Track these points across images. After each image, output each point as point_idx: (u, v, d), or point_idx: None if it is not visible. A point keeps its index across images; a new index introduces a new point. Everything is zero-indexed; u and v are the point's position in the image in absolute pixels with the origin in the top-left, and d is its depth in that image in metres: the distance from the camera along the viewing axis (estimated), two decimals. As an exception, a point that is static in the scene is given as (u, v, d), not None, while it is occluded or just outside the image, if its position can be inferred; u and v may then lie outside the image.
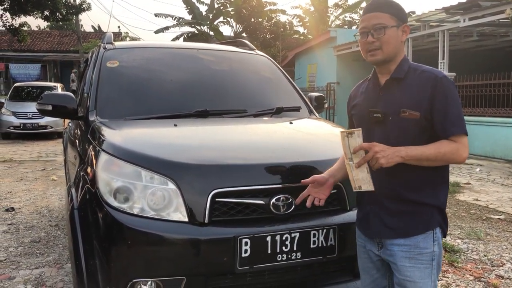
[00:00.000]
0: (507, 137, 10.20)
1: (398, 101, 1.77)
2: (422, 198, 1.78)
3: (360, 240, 1.99)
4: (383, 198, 1.81)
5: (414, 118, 1.73)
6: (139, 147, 2.36)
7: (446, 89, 1.74)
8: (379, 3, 1.81)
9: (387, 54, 1.79)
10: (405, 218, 1.79)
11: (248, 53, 3.93)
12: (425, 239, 1.78)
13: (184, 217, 2.12)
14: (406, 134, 1.75)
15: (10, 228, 4.79)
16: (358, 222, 1.98)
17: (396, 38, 1.79)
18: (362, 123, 1.87)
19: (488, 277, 3.61)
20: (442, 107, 1.72)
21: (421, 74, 1.78)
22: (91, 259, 2.15)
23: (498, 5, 10.41)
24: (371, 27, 1.79)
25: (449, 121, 1.72)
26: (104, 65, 3.27)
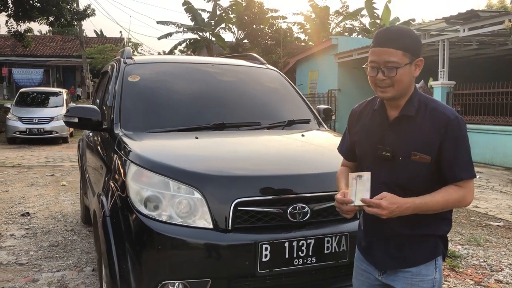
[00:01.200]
0: (506, 145, 10.41)
1: (409, 142, 1.70)
2: (425, 231, 1.76)
3: (361, 262, 1.94)
4: (388, 233, 1.77)
5: (425, 161, 1.68)
6: (166, 158, 2.56)
7: (457, 132, 1.68)
8: (392, 37, 1.67)
9: (398, 92, 1.70)
10: (410, 250, 1.77)
11: (260, 67, 4.14)
12: (427, 267, 1.77)
13: (209, 224, 2.32)
14: (415, 176, 1.71)
15: (28, 233, 4.98)
16: (362, 248, 1.92)
17: (409, 75, 1.69)
18: (366, 156, 1.83)
19: (488, 281, 3.80)
20: (452, 151, 1.67)
21: (432, 113, 1.70)
22: (123, 262, 2.34)
23: (497, 16, 10.66)
24: (382, 64, 1.67)
25: (458, 166, 1.68)
26: (126, 79, 3.47)
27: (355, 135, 1.90)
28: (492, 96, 10.91)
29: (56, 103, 15.49)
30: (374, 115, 1.83)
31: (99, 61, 28.41)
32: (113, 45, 30.71)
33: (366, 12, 23.69)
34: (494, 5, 29.80)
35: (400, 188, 1.71)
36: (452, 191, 1.69)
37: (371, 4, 22.53)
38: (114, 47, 30.13)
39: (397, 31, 1.70)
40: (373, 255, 1.85)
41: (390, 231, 1.77)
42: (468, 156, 1.70)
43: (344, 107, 16.05)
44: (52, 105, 15.42)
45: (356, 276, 1.98)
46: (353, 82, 17.07)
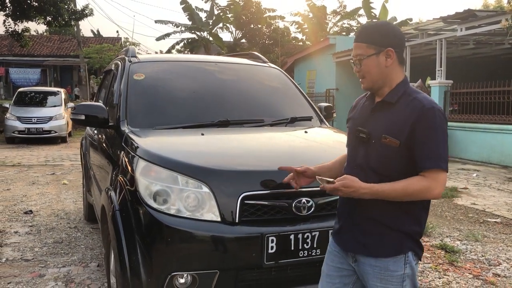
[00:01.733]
0: (503, 144, 10.50)
1: (382, 125, 1.78)
2: (393, 223, 1.79)
3: (334, 248, 1.98)
4: (359, 216, 1.84)
5: (393, 145, 1.73)
6: (174, 154, 2.62)
7: (430, 122, 1.71)
8: (359, 33, 1.85)
9: (371, 82, 1.82)
10: (375, 238, 1.81)
11: (262, 66, 4.21)
12: (395, 263, 1.80)
13: (216, 217, 2.38)
14: (385, 160, 1.76)
15: (32, 230, 5.03)
16: (334, 232, 2.00)
17: (378, 66, 1.78)
18: (350, 137, 1.94)
19: (486, 275, 3.87)
20: (422, 138, 1.70)
21: (411, 102, 1.76)
22: (133, 255, 2.40)
23: (494, 15, 10.76)
24: (355, 58, 1.84)
25: (425, 155, 1.70)
26: (131, 77, 3.53)
27: (349, 121, 2.01)
28: (489, 95, 11.01)
29: (55, 103, 15.50)
30: (365, 102, 1.96)
31: (96, 61, 28.40)
32: (111, 45, 30.69)
33: (364, 11, 23.78)
34: (491, 5, 29.96)
35: (373, 171, 1.79)
36: (414, 181, 1.71)
37: (369, 4, 22.62)
38: (111, 46, 30.11)
39: (366, 26, 1.87)
40: (343, 237, 1.92)
41: (362, 215, 1.83)
42: (438, 148, 1.71)
43: (342, 106, 16.12)
44: (51, 104, 15.44)
45: (327, 262, 2.01)
46: (351, 81, 17.14)
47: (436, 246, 4.55)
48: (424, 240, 4.73)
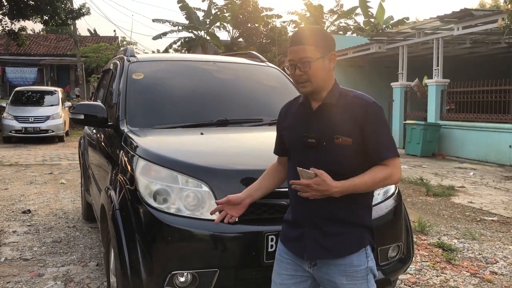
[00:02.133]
0: (499, 142, 10.55)
1: (331, 127, 1.81)
2: (354, 219, 1.85)
3: (286, 256, 1.96)
4: (320, 220, 1.84)
5: (347, 144, 1.78)
6: (174, 153, 2.63)
7: (376, 115, 1.81)
8: (304, 36, 1.82)
9: (316, 85, 1.81)
10: (340, 238, 1.84)
11: (260, 65, 4.22)
12: (358, 257, 1.85)
13: (216, 216, 2.39)
14: (340, 159, 1.81)
15: (30, 229, 5.03)
16: (287, 240, 1.96)
17: (323, 69, 1.81)
18: (294, 146, 1.92)
19: (483, 273, 3.90)
20: (374, 132, 1.79)
21: (352, 100, 1.84)
22: (133, 254, 2.41)
23: (490, 14, 10.80)
24: (297, 61, 1.79)
25: (383, 146, 1.80)
26: (130, 77, 3.54)
27: (284, 130, 2.00)
28: (485, 94, 11.05)
29: (52, 102, 15.48)
30: (299, 109, 1.94)
31: (93, 60, 28.35)
32: (108, 44, 30.63)
33: (361, 10, 23.83)
34: (487, 4, 30.05)
35: (328, 172, 1.78)
36: (378, 170, 1.80)
37: (366, 3, 22.67)
38: (108, 46, 30.06)
39: (308, 30, 1.88)
40: (303, 246, 1.88)
41: (323, 217, 1.83)
42: (390, 137, 1.83)
43: (339, 105, 16.13)
44: (48, 104, 15.42)
45: (279, 271, 1.98)
46: (348, 80, 17.17)
47: (434, 244, 4.58)
48: (421, 239, 4.75)
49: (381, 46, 14.86)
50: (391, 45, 14.52)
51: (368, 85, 16.83)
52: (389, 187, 2.91)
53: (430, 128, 11.86)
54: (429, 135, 11.85)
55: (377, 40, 14.93)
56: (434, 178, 8.50)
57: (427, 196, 6.96)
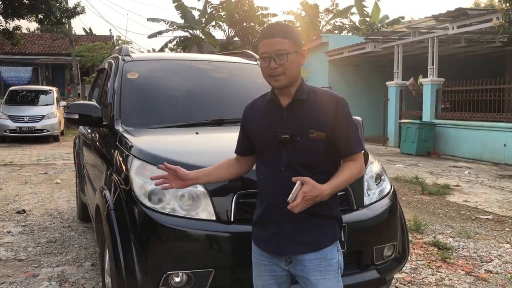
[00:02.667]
0: (494, 141, 10.60)
1: (305, 122, 1.85)
2: (327, 211, 1.90)
3: (262, 258, 1.98)
4: (295, 215, 1.83)
5: (320, 138, 1.84)
6: (169, 153, 2.62)
7: (346, 111, 1.89)
8: (280, 29, 1.84)
9: (290, 78, 1.83)
10: (315, 231, 1.88)
11: (256, 64, 4.20)
12: (331, 251, 1.90)
13: (212, 216, 2.39)
14: (314, 153, 1.86)
15: (25, 230, 5.01)
16: (261, 242, 1.97)
17: (297, 63, 1.85)
18: (265, 143, 1.92)
19: (478, 271, 3.91)
20: (345, 127, 1.87)
21: (322, 96, 1.89)
22: (128, 254, 2.39)
23: (485, 14, 10.84)
24: (273, 53, 1.80)
25: (353, 141, 1.89)
26: (125, 76, 3.52)
27: (251, 128, 2.00)
28: (480, 93, 11.10)
29: (47, 102, 15.41)
30: (268, 106, 1.96)
31: (88, 59, 28.22)
32: (103, 43, 30.51)
33: (356, 10, 23.85)
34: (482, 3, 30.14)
35: (302, 167, 1.86)
36: (352, 166, 1.90)
37: (361, 2, 22.70)
38: (103, 45, 29.95)
39: (282, 24, 1.93)
40: (279, 245, 1.90)
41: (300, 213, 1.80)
42: (357, 133, 1.93)
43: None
44: (43, 103, 15.35)
45: (258, 274, 2.00)
46: (344, 79, 17.21)
47: (429, 243, 4.59)
48: (417, 238, 4.77)
49: (377, 45, 14.89)
50: (387, 44, 14.55)
51: (363, 84, 16.88)
52: (384, 186, 2.92)
53: (425, 127, 11.90)
54: (424, 134, 11.88)
55: (373, 39, 14.96)
56: (429, 177, 8.52)
57: (422, 195, 6.98)
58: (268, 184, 1.94)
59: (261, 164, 1.98)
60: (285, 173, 1.86)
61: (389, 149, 13.37)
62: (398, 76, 14.13)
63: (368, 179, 2.80)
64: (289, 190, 1.81)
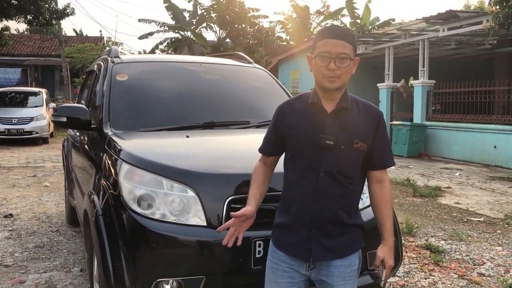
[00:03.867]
0: (484, 143, 10.65)
1: (350, 131, 1.85)
2: (354, 220, 1.93)
3: (281, 264, 1.94)
4: (326, 222, 1.86)
5: (362, 149, 1.86)
6: (158, 157, 2.57)
7: (384, 125, 1.95)
8: (346, 33, 1.84)
9: (342, 83, 1.83)
10: (342, 239, 1.89)
11: (247, 66, 4.17)
12: (355, 257, 1.93)
13: (202, 222, 2.34)
14: (354, 162, 1.88)
15: (12, 234, 4.91)
16: (287, 245, 1.93)
17: (351, 70, 1.85)
18: (306, 147, 1.87)
19: (471, 275, 3.90)
20: (383, 141, 1.92)
21: (364, 107, 1.92)
22: (117, 261, 2.34)
23: (475, 16, 10.91)
24: (335, 54, 1.78)
25: (388, 155, 1.95)
26: (114, 78, 3.46)
27: (289, 128, 1.92)
28: (471, 95, 11.15)
29: (36, 103, 15.23)
30: (310, 109, 1.90)
31: (78, 61, 28.00)
32: (93, 44, 30.29)
33: (347, 11, 23.90)
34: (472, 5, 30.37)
35: (341, 174, 1.86)
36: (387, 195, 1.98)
37: (352, 4, 22.75)
38: (94, 46, 29.73)
39: (347, 29, 1.95)
40: (309, 249, 1.87)
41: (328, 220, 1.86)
42: (390, 147, 2.01)
43: (326, 106, 16.17)
44: (32, 105, 15.17)
45: (275, 280, 1.95)
46: (335, 81, 17.18)
47: (422, 246, 4.57)
48: (409, 241, 4.75)
49: (368, 47, 14.91)
50: (378, 46, 14.58)
51: (355, 85, 16.84)
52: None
53: (416, 129, 11.93)
54: (415, 135, 11.91)
55: (364, 41, 14.97)
56: (420, 179, 8.53)
57: (414, 197, 6.98)
58: (301, 188, 1.89)
59: (293, 167, 1.92)
60: (323, 179, 1.84)
61: (380, 151, 13.37)
62: (389, 78, 14.16)
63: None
64: (324, 196, 1.85)
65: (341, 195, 1.87)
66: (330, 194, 1.85)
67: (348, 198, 1.89)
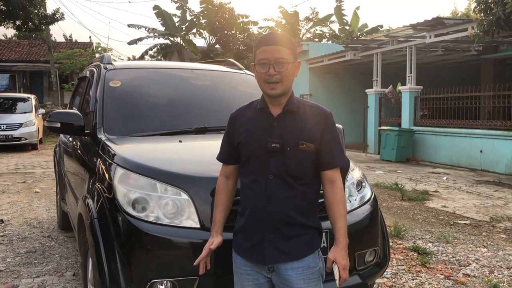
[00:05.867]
0: (471, 147, 10.83)
1: (296, 133, 1.89)
2: (309, 222, 1.94)
3: (244, 267, 1.99)
4: (279, 224, 1.89)
5: (310, 150, 1.89)
6: (152, 161, 2.63)
7: (332, 126, 1.96)
8: (282, 38, 1.89)
9: (285, 87, 1.88)
10: (297, 241, 1.91)
11: (238, 73, 4.25)
12: (314, 259, 1.94)
13: (196, 224, 2.40)
14: (302, 164, 1.90)
15: (3, 240, 4.92)
16: (243, 250, 1.98)
17: (293, 74, 1.90)
18: (254, 151, 1.93)
19: (457, 275, 4.00)
20: (330, 141, 1.93)
21: (312, 109, 1.95)
22: (112, 263, 2.39)
23: (461, 23, 11.12)
24: (273, 60, 1.83)
25: (335, 155, 1.95)
26: (107, 84, 3.52)
27: (240, 136, 1.99)
28: (457, 100, 11.34)
29: (25, 109, 15.17)
30: (257, 115, 1.97)
31: (67, 67, 27.91)
32: (82, 50, 30.20)
33: (336, 18, 24.13)
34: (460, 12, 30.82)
35: (291, 176, 1.89)
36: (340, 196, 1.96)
37: (340, 11, 22.98)
38: (83, 52, 29.65)
39: (283, 34, 1.96)
40: (263, 252, 1.91)
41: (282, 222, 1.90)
42: (341, 147, 2.00)
43: (316, 111, 16.29)
44: (21, 111, 15.11)
45: (241, 284, 2.01)
46: (324, 87, 17.39)
47: (409, 248, 4.67)
48: (397, 243, 4.84)
49: (356, 53, 15.10)
50: (366, 52, 14.77)
51: (343, 91, 17.08)
52: (365, 193, 2.97)
53: (404, 134, 12.09)
54: (403, 140, 12.07)
55: (352, 48, 15.17)
56: (408, 183, 8.66)
57: (402, 201, 7.09)
58: (252, 192, 1.95)
59: (246, 172, 1.99)
60: (272, 182, 1.88)
61: (369, 156, 13.54)
62: (377, 83, 14.34)
63: (349, 186, 2.85)
64: (275, 198, 1.87)
65: (292, 197, 1.90)
66: (280, 197, 1.89)
67: (300, 200, 1.91)
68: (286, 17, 26.69)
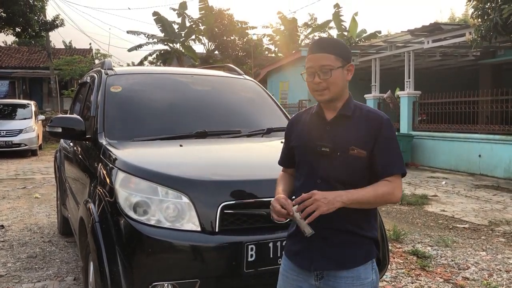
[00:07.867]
0: (469, 152, 10.86)
1: (346, 138, 1.83)
2: (360, 230, 1.84)
3: (291, 272, 1.93)
4: (327, 230, 1.82)
5: (361, 156, 1.81)
6: (153, 165, 2.66)
7: (389, 132, 1.85)
8: (325, 44, 1.86)
9: (334, 93, 1.84)
10: (348, 250, 1.83)
11: (238, 78, 4.29)
12: (365, 270, 1.85)
13: (196, 227, 2.43)
14: (352, 170, 1.82)
15: (4, 245, 4.93)
16: (292, 254, 1.92)
17: (342, 78, 1.85)
18: (306, 154, 1.90)
19: (456, 279, 4.02)
20: (385, 147, 1.82)
21: (367, 114, 1.87)
22: (114, 266, 2.41)
23: (458, 29, 11.19)
24: (318, 68, 1.81)
25: (391, 162, 1.82)
26: (108, 90, 3.55)
27: (294, 140, 1.97)
28: (456, 105, 11.39)
29: (25, 115, 15.19)
30: (312, 119, 1.95)
31: (67, 73, 27.94)
32: (82, 57, 30.27)
33: (334, 24, 24.25)
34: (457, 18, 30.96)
35: (339, 182, 1.82)
36: (381, 184, 1.80)
37: (339, 17, 23.10)
38: (82, 58, 29.71)
39: (328, 40, 1.92)
40: (311, 258, 1.85)
41: (332, 228, 1.81)
42: (398, 154, 1.86)
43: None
44: (20, 117, 15.13)
45: (284, 286, 1.95)
46: (323, 92, 17.39)
47: (408, 252, 4.69)
48: (396, 247, 4.86)
49: (355, 58, 15.16)
50: (364, 58, 14.84)
51: (342, 97, 17.10)
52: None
53: (403, 139, 12.13)
54: (402, 145, 12.09)
55: (351, 53, 15.22)
56: (407, 188, 8.68)
57: (401, 205, 7.11)
58: None
59: (298, 176, 1.95)
60: (319, 187, 1.80)
61: (368, 161, 13.53)
62: (376, 89, 14.40)
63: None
64: None
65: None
66: None
67: (350, 209, 1.77)
68: (284, 23, 26.83)
